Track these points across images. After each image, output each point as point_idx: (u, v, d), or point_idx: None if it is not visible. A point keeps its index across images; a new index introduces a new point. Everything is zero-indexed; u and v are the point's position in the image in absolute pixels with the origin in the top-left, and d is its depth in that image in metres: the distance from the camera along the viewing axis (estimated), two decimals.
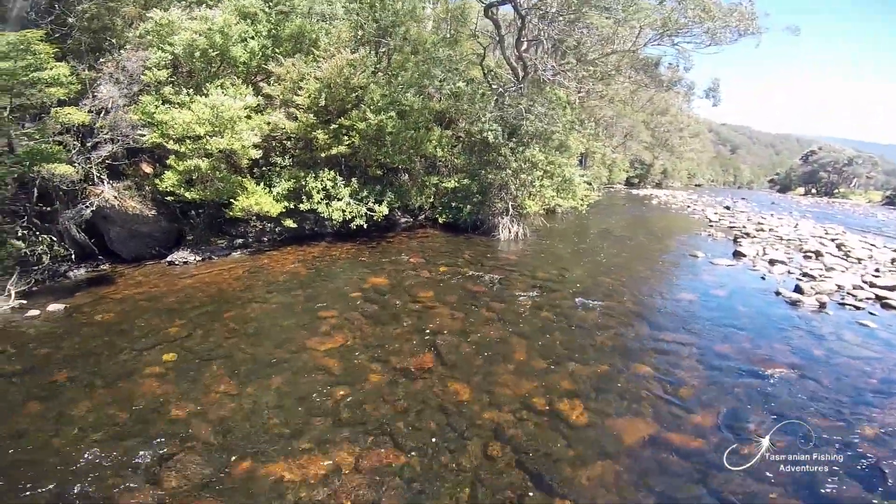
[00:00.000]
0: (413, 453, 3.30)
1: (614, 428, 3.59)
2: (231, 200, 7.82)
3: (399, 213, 12.08)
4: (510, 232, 10.62)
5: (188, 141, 7.28)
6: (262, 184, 8.66)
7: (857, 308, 6.66)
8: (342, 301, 6.22)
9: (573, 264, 8.76)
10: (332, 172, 9.26)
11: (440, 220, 11.41)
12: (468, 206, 11.17)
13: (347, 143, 9.31)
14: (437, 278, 7.32)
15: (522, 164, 10.26)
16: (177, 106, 7.35)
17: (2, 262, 5.87)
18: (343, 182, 9.32)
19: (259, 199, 7.95)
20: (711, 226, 15.78)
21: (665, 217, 19.57)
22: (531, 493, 2.96)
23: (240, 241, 8.79)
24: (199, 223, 8.32)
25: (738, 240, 12.20)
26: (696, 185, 60.86)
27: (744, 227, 15.13)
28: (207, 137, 7.25)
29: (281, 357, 4.61)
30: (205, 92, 7.66)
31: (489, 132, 10.49)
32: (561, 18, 13.53)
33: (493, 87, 12.53)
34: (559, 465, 3.17)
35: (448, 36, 12.79)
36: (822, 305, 6.61)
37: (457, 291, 6.72)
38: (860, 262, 10.11)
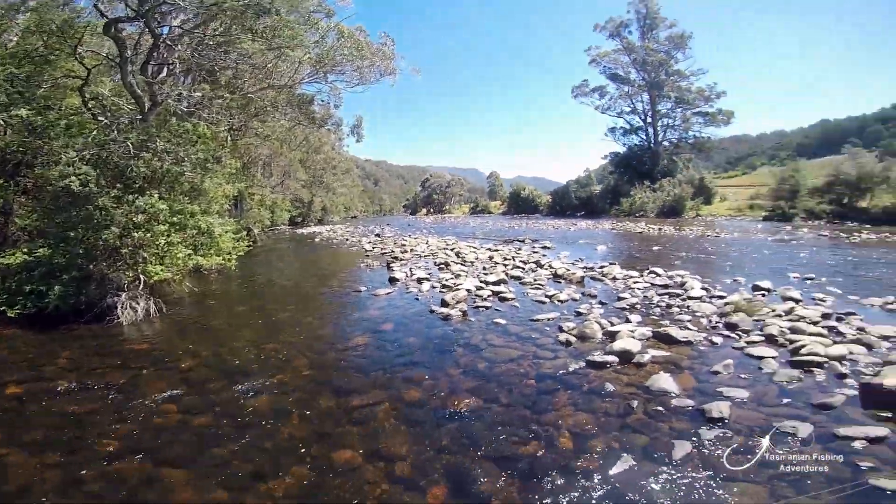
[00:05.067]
0: None
1: None
2: None
3: None
4: (136, 311, 7.76)
5: None
6: None
7: (487, 308, 8.06)
8: None
9: (229, 336, 7.13)
10: None
11: (10, 314, 7.22)
12: (57, 287, 7.54)
13: None
14: (5, 408, 4.26)
15: (135, 217, 7.75)
16: None
17: None
18: None
19: None
20: (367, 255, 17.21)
21: (328, 253, 20.21)
22: None
23: None
24: None
25: (391, 265, 13.58)
26: (352, 217, 68.28)
27: (392, 251, 17.27)
28: None
29: None
30: None
31: (74, 178, 7.46)
32: (210, 42, 11.55)
33: (100, 119, 9.23)
34: None
35: (26, 51, 9.20)
36: (465, 314, 7.68)
37: (44, 421, 4.03)
38: (473, 265, 12.97)
